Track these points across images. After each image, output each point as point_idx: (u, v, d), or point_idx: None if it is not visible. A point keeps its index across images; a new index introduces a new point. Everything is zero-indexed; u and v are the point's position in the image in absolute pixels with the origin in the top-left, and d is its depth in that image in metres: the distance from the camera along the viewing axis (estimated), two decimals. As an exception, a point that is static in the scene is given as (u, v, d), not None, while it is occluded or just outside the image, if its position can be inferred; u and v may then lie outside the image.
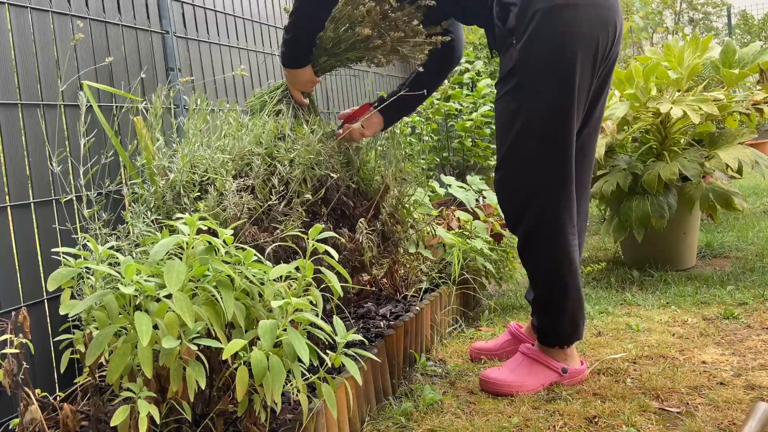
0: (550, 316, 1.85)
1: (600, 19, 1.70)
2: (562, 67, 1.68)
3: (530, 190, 1.77)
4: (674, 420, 1.60)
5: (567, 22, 1.67)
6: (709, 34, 5.78)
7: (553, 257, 1.79)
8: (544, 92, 1.70)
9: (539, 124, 1.72)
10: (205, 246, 1.22)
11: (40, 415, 1.18)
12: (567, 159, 1.74)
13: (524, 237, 1.82)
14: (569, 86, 1.69)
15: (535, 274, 1.86)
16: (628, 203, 2.97)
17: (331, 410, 1.28)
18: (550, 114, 1.71)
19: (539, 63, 1.69)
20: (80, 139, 1.61)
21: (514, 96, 1.73)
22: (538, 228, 1.78)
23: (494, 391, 1.80)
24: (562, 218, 1.76)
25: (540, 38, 1.67)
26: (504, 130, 1.78)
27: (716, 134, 3.09)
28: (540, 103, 1.71)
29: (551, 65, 1.68)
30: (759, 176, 3.33)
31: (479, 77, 4.53)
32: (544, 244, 1.79)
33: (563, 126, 1.72)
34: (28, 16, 1.61)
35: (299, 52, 1.85)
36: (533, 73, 1.70)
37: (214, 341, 1.15)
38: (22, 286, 1.51)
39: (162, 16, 2.15)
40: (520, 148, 1.75)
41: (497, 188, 1.85)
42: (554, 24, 1.66)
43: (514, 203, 1.82)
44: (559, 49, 1.67)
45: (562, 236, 1.78)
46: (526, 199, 1.78)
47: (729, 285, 2.74)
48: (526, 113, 1.72)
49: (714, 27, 17.39)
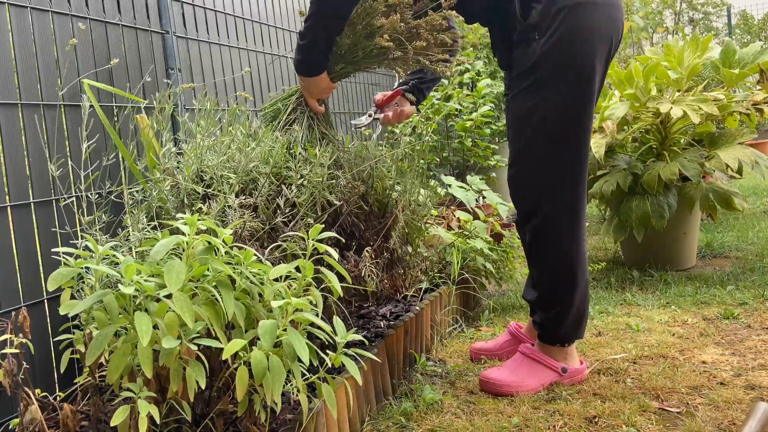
0: (555, 313, 1.84)
1: (614, 19, 1.71)
2: (585, 65, 1.68)
3: (544, 188, 1.76)
4: (674, 420, 1.60)
5: (591, 20, 1.67)
6: (709, 34, 5.78)
7: (563, 255, 1.79)
8: (566, 89, 1.70)
9: (557, 121, 1.71)
10: (204, 246, 1.22)
11: (40, 415, 1.18)
12: (583, 157, 1.75)
13: (535, 233, 1.81)
14: (590, 84, 1.70)
15: (543, 270, 1.85)
16: (628, 203, 2.97)
17: (331, 410, 1.28)
18: (570, 111, 1.71)
19: (562, 60, 1.68)
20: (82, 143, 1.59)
21: (534, 92, 1.72)
22: (550, 225, 1.78)
23: (494, 391, 1.80)
24: (574, 216, 1.77)
25: (565, 35, 1.66)
26: (520, 126, 1.77)
27: (716, 134, 3.09)
28: (560, 100, 1.71)
29: (574, 63, 1.68)
30: (759, 176, 3.32)
31: (479, 77, 4.53)
32: (555, 241, 1.79)
33: (581, 123, 1.72)
34: (28, 16, 1.61)
35: (316, 57, 1.76)
36: (555, 70, 1.69)
37: (214, 341, 1.15)
38: (22, 286, 1.51)
39: (162, 16, 2.15)
40: (536, 144, 1.75)
41: (511, 184, 1.84)
42: (579, 22, 1.66)
43: (528, 200, 1.82)
44: (583, 47, 1.67)
45: (574, 234, 1.78)
46: (539, 196, 1.78)
47: (729, 285, 2.74)
48: (545, 110, 1.71)
49: (714, 27, 17.38)
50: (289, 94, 1.93)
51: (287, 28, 3.09)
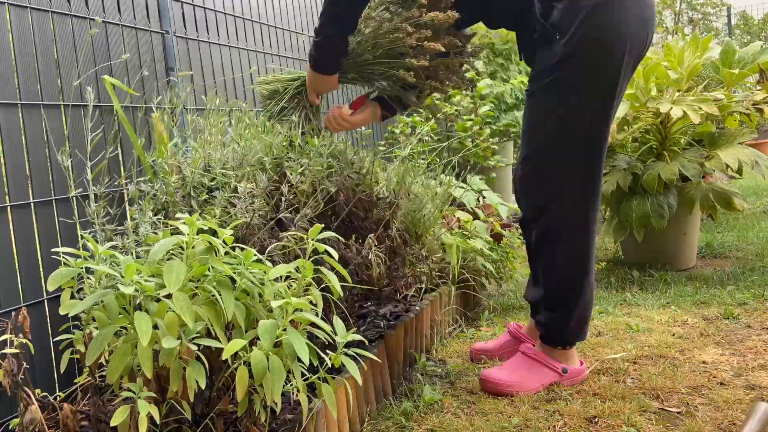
0: (559, 315, 1.83)
1: (643, 17, 1.68)
2: (609, 66, 1.66)
3: (559, 187, 1.75)
4: (674, 420, 1.60)
5: (617, 18, 1.64)
6: (708, 34, 5.78)
7: (573, 256, 1.78)
8: (588, 90, 1.68)
9: (578, 121, 1.70)
10: (205, 246, 1.22)
11: (40, 415, 1.18)
12: (600, 157, 1.73)
13: (545, 233, 1.80)
14: (613, 85, 1.68)
15: (551, 269, 1.83)
16: (628, 203, 2.97)
17: (331, 410, 1.28)
18: (590, 112, 1.70)
19: (585, 60, 1.66)
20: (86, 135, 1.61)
21: (555, 92, 1.70)
22: (563, 223, 1.77)
23: (494, 391, 1.80)
24: (587, 217, 1.76)
25: (588, 35, 1.64)
26: (538, 125, 1.75)
27: (716, 134, 3.09)
28: (582, 101, 1.69)
29: (598, 63, 1.66)
30: (759, 176, 3.32)
31: (479, 77, 4.53)
32: (566, 240, 1.78)
33: (601, 125, 1.71)
34: (28, 16, 1.61)
35: (330, 57, 1.80)
36: (578, 70, 1.67)
37: (214, 341, 1.15)
38: (22, 286, 1.51)
39: (162, 16, 2.15)
40: (555, 142, 1.73)
41: (522, 181, 1.82)
42: (602, 21, 1.63)
43: (538, 199, 1.79)
44: (607, 46, 1.64)
45: (585, 236, 1.77)
46: (551, 197, 1.76)
47: (729, 285, 2.74)
48: (566, 110, 1.70)
49: (714, 27, 17.38)
50: (291, 78, 1.93)
51: (287, 28, 3.09)
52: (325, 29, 1.78)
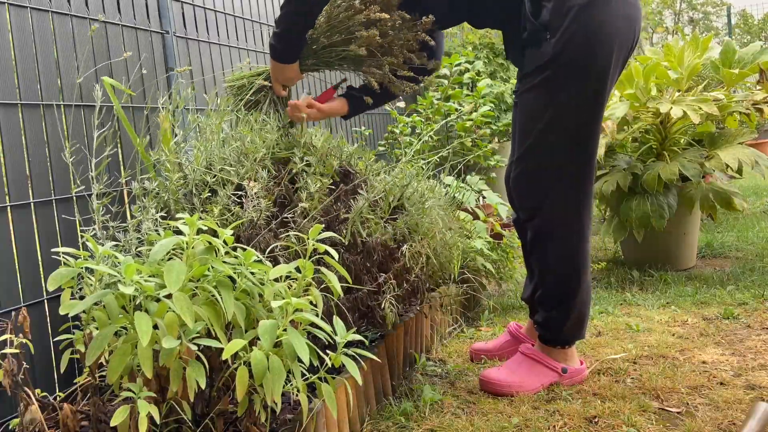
0: (556, 314, 1.84)
1: (630, 18, 1.69)
2: (599, 63, 1.67)
3: (552, 186, 1.75)
4: (674, 420, 1.60)
5: (604, 17, 1.65)
6: (708, 34, 5.78)
7: (566, 255, 1.79)
8: (576, 90, 1.69)
9: (569, 120, 1.70)
10: (205, 246, 1.22)
11: (40, 415, 1.18)
12: (591, 156, 1.74)
13: (539, 232, 1.80)
14: (603, 83, 1.68)
15: (546, 269, 1.84)
16: (628, 203, 2.97)
17: (331, 410, 1.28)
18: (581, 110, 1.70)
19: (575, 58, 1.66)
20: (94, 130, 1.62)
21: (545, 90, 1.71)
22: (555, 223, 1.77)
23: (494, 391, 1.80)
24: (580, 216, 1.76)
25: (577, 33, 1.64)
26: (530, 124, 1.75)
27: (716, 134, 3.09)
28: (570, 100, 1.69)
29: (587, 61, 1.67)
30: (759, 176, 3.33)
31: (479, 77, 4.53)
32: (560, 240, 1.78)
33: (591, 122, 1.72)
34: (28, 16, 1.61)
35: (289, 47, 1.84)
36: (568, 69, 1.68)
37: (214, 341, 1.15)
38: (22, 286, 1.51)
39: (162, 16, 2.15)
40: (546, 142, 1.73)
41: (516, 181, 1.82)
42: (591, 21, 1.64)
43: (532, 198, 1.80)
44: (596, 44, 1.65)
45: (579, 234, 1.77)
46: (544, 195, 1.76)
47: (729, 285, 2.74)
48: (556, 108, 1.70)
49: (714, 27, 17.39)
50: (256, 73, 1.96)
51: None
52: (287, 19, 1.81)
